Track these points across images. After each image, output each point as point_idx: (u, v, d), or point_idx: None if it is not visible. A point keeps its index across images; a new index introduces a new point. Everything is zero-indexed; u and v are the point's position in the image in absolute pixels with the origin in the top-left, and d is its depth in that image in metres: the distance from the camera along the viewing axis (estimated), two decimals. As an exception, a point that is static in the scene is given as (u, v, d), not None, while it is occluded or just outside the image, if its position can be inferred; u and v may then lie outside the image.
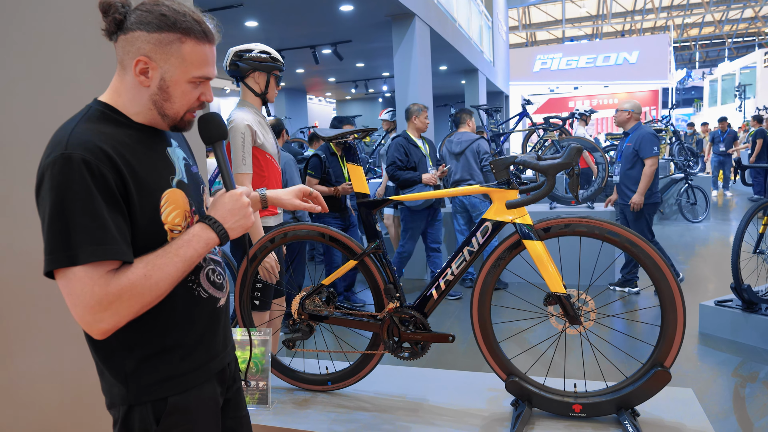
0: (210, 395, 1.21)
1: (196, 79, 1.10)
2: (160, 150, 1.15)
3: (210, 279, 1.22)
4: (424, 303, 1.92)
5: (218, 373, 1.25)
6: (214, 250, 1.27)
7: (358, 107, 15.63)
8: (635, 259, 1.70)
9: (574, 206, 5.49)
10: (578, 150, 1.53)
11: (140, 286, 1.01)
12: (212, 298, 1.22)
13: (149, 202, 1.07)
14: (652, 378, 1.70)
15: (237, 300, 2.15)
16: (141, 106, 1.11)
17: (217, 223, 1.12)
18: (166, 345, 1.13)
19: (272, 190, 1.60)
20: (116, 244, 0.99)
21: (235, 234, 1.15)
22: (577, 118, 7.08)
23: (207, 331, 1.20)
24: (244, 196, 1.17)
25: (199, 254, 1.09)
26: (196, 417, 1.17)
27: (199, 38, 1.08)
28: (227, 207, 1.14)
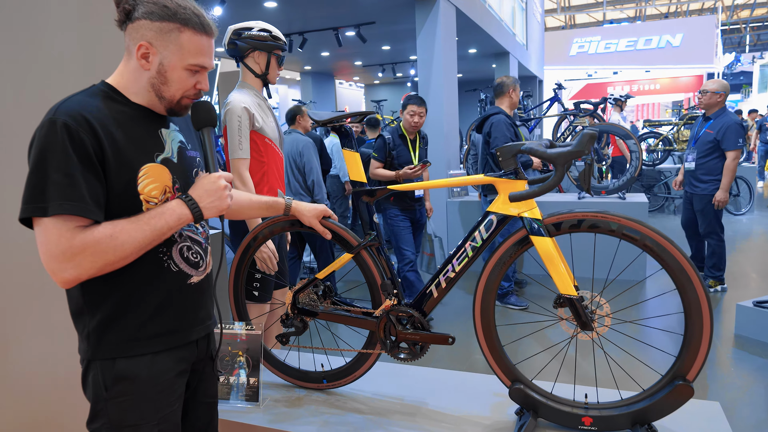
0: (162, 369, 1.25)
1: (191, 66, 1.21)
2: (152, 129, 1.25)
3: (184, 255, 1.29)
4: (423, 301, 1.78)
5: (179, 349, 1.29)
6: (198, 231, 1.34)
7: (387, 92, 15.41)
8: (656, 259, 1.52)
9: (605, 197, 5.23)
10: (591, 137, 1.36)
11: (104, 244, 1.09)
12: (182, 273, 1.28)
13: (127, 171, 1.16)
14: (672, 392, 1.53)
15: (231, 291, 2.06)
16: (140, 87, 1.22)
17: (193, 201, 1.21)
18: (126, 308, 1.21)
19: (297, 201, 1.69)
20: (84, 203, 1.08)
21: (210, 214, 1.23)
22: (612, 103, 6.75)
23: (169, 304, 1.26)
24: (222, 179, 1.25)
25: (170, 227, 1.18)
26: (144, 388, 1.21)
27: (197, 29, 1.19)
28: (205, 188, 1.23)
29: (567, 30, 24.49)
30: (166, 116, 1.29)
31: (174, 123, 1.33)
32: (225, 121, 2.22)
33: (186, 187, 1.28)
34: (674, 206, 9.03)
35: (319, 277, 1.91)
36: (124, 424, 1.20)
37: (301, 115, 4.77)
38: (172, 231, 1.19)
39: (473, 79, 14.13)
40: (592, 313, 1.61)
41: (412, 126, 3.99)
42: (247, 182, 2.20)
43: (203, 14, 1.22)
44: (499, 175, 1.64)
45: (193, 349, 1.34)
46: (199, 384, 1.41)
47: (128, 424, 1.20)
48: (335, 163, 5.91)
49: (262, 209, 1.63)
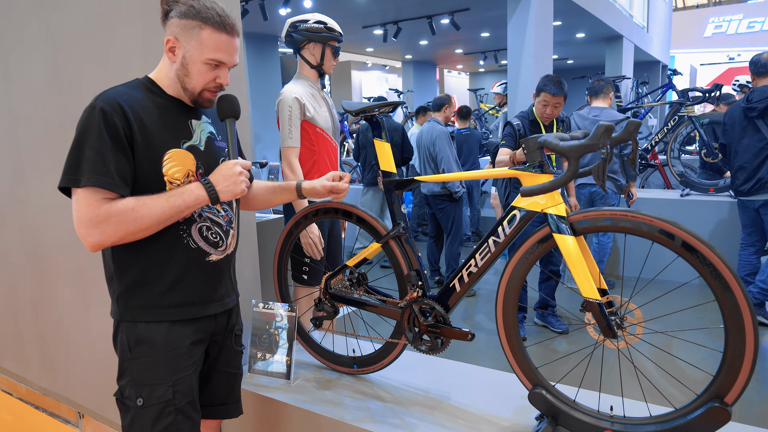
0: (178, 336, 1.38)
1: (209, 60, 1.32)
2: (183, 119, 1.39)
3: (203, 234, 1.41)
4: (446, 295, 1.75)
5: (196, 321, 1.41)
6: (219, 213, 1.46)
7: (491, 80, 15.00)
8: (691, 265, 1.36)
9: (713, 195, 4.70)
10: (607, 129, 1.24)
11: (126, 215, 1.23)
12: (201, 251, 1.41)
13: (154, 153, 1.30)
14: (705, 414, 1.37)
15: (275, 273, 2.17)
16: (170, 79, 1.37)
17: (210, 184, 1.32)
18: (149, 277, 1.35)
19: (309, 181, 1.71)
20: (111, 177, 1.22)
21: (225, 197, 1.34)
22: (736, 89, 6.01)
23: (188, 278, 1.39)
24: (237, 166, 1.35)
25: (188, 206, 1.30)
26: (161, 352, 1.35)
27: (217, 27, 1.30)
28: (222, 173, 1.34)
29: (702, 8, 22.05)
30: (199, 110, 1.43)
31: (207, 115, 1.46)
32: (278, 111, 2.33)
33: (208, 172, 1.40)
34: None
35: (349, 264, 1.95)
36: (143, 383, 1.35)
37: (448, 105, 4.76)
38: (190, 210, 1.31)
39: (584, 65, 13.28)
40: (622, 320, 1.49)
41: (545, 117, 3.40)
42: (296, 170, 2.30)
43: (227, 15, 1.33)
44: (524, 168, 1.56)
45: (211, 322, 1.46)
46: (219, 354, 1.54)
47: (146, 383, 1.35)
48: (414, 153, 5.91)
49: (277, 192, 1.71)
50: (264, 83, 7.64)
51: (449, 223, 4.70)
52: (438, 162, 4.55)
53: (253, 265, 2.22)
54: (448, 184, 4.55)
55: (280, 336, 2.01)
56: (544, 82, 3.29)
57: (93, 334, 2.39)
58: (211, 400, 1.54)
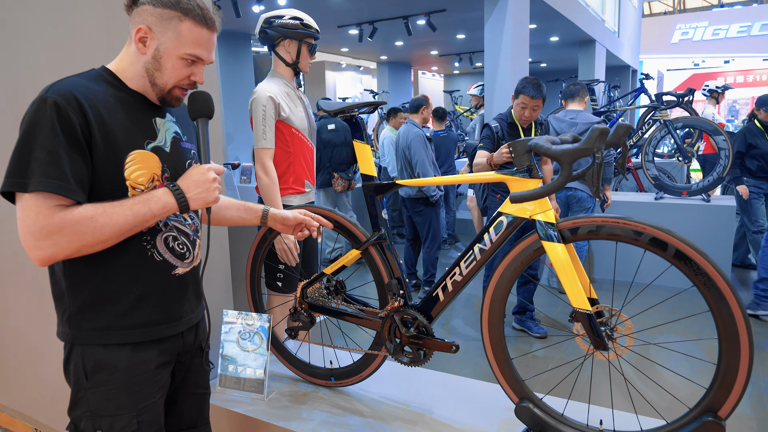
0: (144, 359, 1.24)
1: (187, 56, 1.20)
2: (145, 116, 1.24)
3: (169, 245, 1.27)
4: (429, 305, 1.68)
5: (161, 341, 1.27)
6: (186, 222, 1.32)
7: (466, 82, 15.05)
8: (685, 274, 1.31)
9: (686, 198, 4.75)
10: (601, 133, 1.18)
11: (83, 225, 1.08)
12: (166, 263, 1.27)
13: (114, 155, 1.15)
14: (699, 429, 1.32)
15: (248, 280, 2.06)
16: (135, 72, 1.22)
17: (180, 190, 1.19)
18: (107, 295, 1.20)
19: (276, 210, 1.60)
20: (66, 182, 1.07)
21: (196, 205, 1.21)
22: (706, 95, 6.11)
23: (152, 294, 1.24)
24: (211, 171, 1.22)
25: (154, 215, 1.16)
26: (123, 378, 1.21)
27: (198, 21, 1.19)
28: (193, 178, 1.21)
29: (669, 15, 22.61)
30: (160, 106, 1.28)
31: (171, 114, 1.31)
32: (251, 110, 2.22)
33: (176, 177, 1.26)
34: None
35: (327, 272, 1.85)
36: (103, 414, 1.19)
37: (426, 106, 4.69)
38: (156, 219, 1.17)
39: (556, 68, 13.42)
40: (612, 330, 1.43)
41: (523, 120, 3.35)
42: (270, 172, 2.19)
43: (207, 8, 1.21)
44: (511, 172, 1.49)
45: (178, 341, 1.33)
46: (187, 375, 1.40)
47: (107, 414, 1.20)
48: (384, 156, 5.84)
49: (240, 211, 1.56)
50: (237, 82, 7.45)
51: (426, 227, 4.64)
52: (414, 165, 4.48)
53: (225, 272, 2.11)
54: (425, 187, 4.49)
55: (253, 347, 1.90)
56: (522, 84, 3.25)
57: (51, 347, 2.24)
58: (178, 425, 1.41)
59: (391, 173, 5.80)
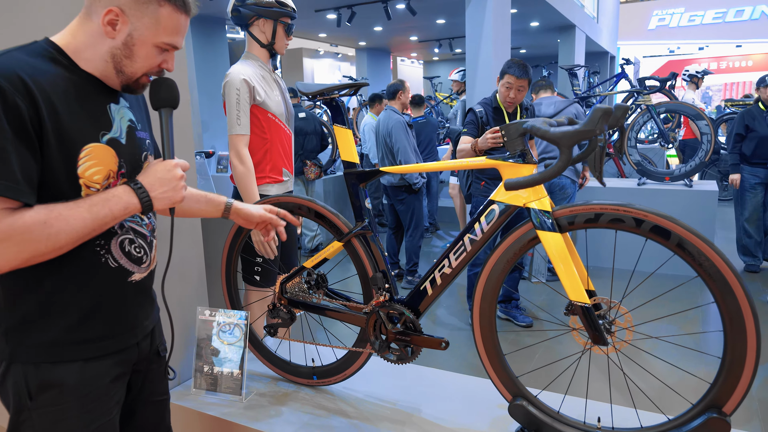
0: (97, 374, 1.11)
1: (163, 44, 1.08)
2: (99, 103, 1.09)
3: (125, 249, 1.13)
4: (416, 299, 1.58)
5: (119, 353, 1.15)
6: (143, 222, 1.19)
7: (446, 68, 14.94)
8: (690, 264, 1.24)
9: (669, 183, 4.74)
10: (604, 113, 1.09)
11: (36, 232, 0.94)
12: (123, 270, 1.14)
13: (67, 149, 1.00)
14: (703, 426, 1.26)
15: (223, 275, 1.94)
16: (96, 55, 1.06)
17: (143, 189, 1.06)
18: (55, 307, 1.06)
19: (240, 204, 1.48)
20: (12, 181, 0.92)
21: (161, 205, 1.09)
22: (686, 80, 6.11)
23: (108, 304, 1.12)
24: (178, 168, 1.11)
25: (115, 217, 1.03)
26: (74, 397, 1.07)
27: (178, 6, 1.07)
28: (158, 175, 1.09)
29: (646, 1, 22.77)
30: (116, 90, 1.12)
31: (124, 98, 1.16)
32: (224, 94, 2.08)
33: (133, 172, 1.12)
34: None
35: (307, 266, 1.74)
36: None
37: (402, 90, 4.59)
38: (116, 221, 1.04)
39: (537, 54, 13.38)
40: (610, 324, 1.35)
41: (507, 102, 3.24)
42: (245, 160, 2.06)
43: None
44: (504, 157, 1.40)
45: (133, 350, 1.19)
46: (144, 384, 1.27)
47: None
48: (365, 142, 5.74)
49: (200, 202, 1.44)
50: (211, 69, 7.21)
51: (409, 216, 4.55)
52: (395, 153, 4.38)
53: (198, 266, 1.98)
54: (407, 175, 4.39)
55: (230, 346, 1.79)
56: (508, 64, 3.17)
57: None
58: None
59: (373, 160, 5.69)
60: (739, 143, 4.55)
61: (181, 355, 1.91)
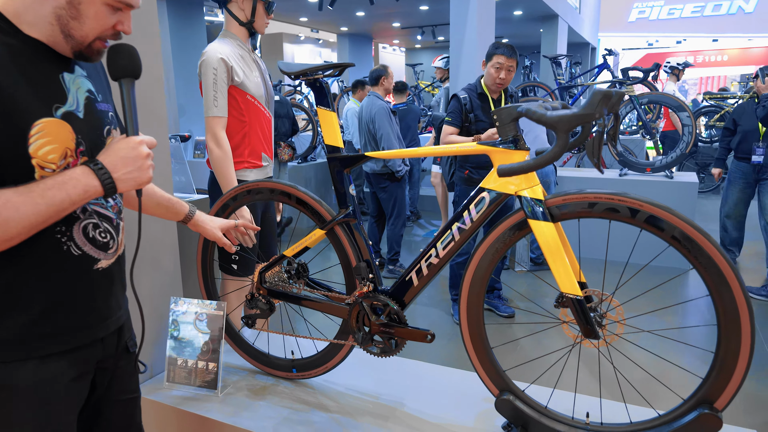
0: (54, 375, 1.01)
1: (115, 1, 0.97)
2: (50, 73, 0.97)
3: (89, 235, 1.04)
4: (402, 290, 1.52)
5: (79, 350, 1.05)
6: (108, 204, 1.09)
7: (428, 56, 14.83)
8: (685, 256, 1.20)
9: (650, 174, 4.75)
10: (604, 96, 1.03)
11: None
12: (87, 257, 1.04)
13: (14, 125, 0.90)
14: (694, 422, 1.23)
15: (199, 263, 1.86)
16: (39, 17, 0.94)
17: (104, 169, 0.96)
18: (11, 301, 0.96)
19: (202, 213, 1.49)
20: None
21: (125, 187, 0.99)
22: (667, 72, 6.14)
23: (70, 297, 1.02)
24: (143, 145, 1.00)
25: (73, 202, 0.93)
26: (26, 400, 0.97)
27: None
28: (120, 154, 0.98)
29: (627, -6, 22.88)
30: (70, 58, 1.01)
31: (80, 67, 1.05)
32: (200, 74, 1.98)
33: (94, 150, 1.01)
34: (731, 187, 8.30)
35: (287, 255, 1.67)
36: None
37: (385, 76, 4.52)
38: (75, 206, 0.94)
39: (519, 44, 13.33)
40: (602, 317, 1.31)
41: (496, 83, 3.13)
42: (222, 144, 1.97)
43: None
44: (494, 143, 1.33)
45: (97, 346, 1.10)
46: (112, 382, 1.18)
47: None
48: (348, 128, 5.66)
49: (161, 204, 1.37)
50: (188, 51, 7.00)
51: (391, 204, 4.49)
52: (378, 139, 4.30)
53: (172, 254, 1.89)
54: (390, 162, 4.33)
55: (205, 338, 1.71)
56: (495, 45, 3.14)
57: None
58: None
59: (356, 146, 5.61)
60: (727, 137, 4.47)
61: (153, 347, 1.83)
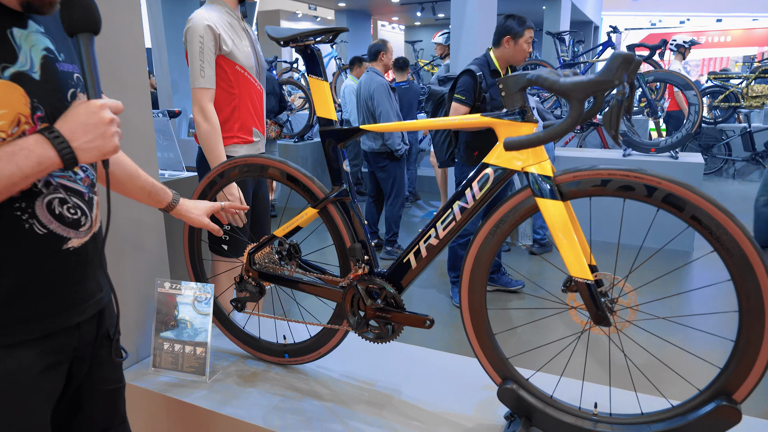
0: (21, 365, 0.92)
1: None
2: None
3: (55, 212, 0.94)
4: (399, 273, 1.43)
5: (49, 337, 0.96)
6: (77, 176, 0.98)
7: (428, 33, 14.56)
8: (706, 238, 1.11)
9: (655, 155, 4.65)
10: (624, 61, 0.93)
11: None
12: (55, 236, 0.94)
13: None
14: (711, 414, 1.15)
15: (186, 244, 1.77)
16: None
17: (61, 138, 0.85)
18: None
19: (186, 200, 1.42)
20: None
21: (88, 158, 0.87)
22: (673, 50, 5.99)
23: (37, 280, 0.93)
24: (106, 110, 0.88)
25: (26, 175, 0.83)
26: None
27: None
28: (80, 119, 0.86)
29: (631, -29, 22.45)
30: (21, 12, 0.90)
31: (36, 21, 0.93)
32: (185, 42, 1.86)
33: (57, 116, 0.90)
34: (734, 170, 8.21)
35: (278, 235, 1.57)
36: None
37: (384, 51, 4.37)
38: (30, 180, 0.84)
39: (521, 22, 13.09)
40: (613, 302, 1.23)
41: (524, 59, 3.11)
42: (210, 117, 1.86)
43: None
44: (499, 115, 1.23)
45: (72, 333, 1.01)
46: (93, 371, 1.09)
47: None
48: (346, 106, 5.52)
49: (144, 190, 1.29)
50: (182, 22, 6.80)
51: (390, 183, 4.38)
52: (377, 117, 4.18)
53: (158, 233, 1.80)
54: (389, 141, 4.21)
55: (193, 322, 1.63)
56: (520, 20, 3.06)
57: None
58: (89, 428, 1.12)
59: (354, 125, 5.48)
60: None
61: (138, 332, 1.74)
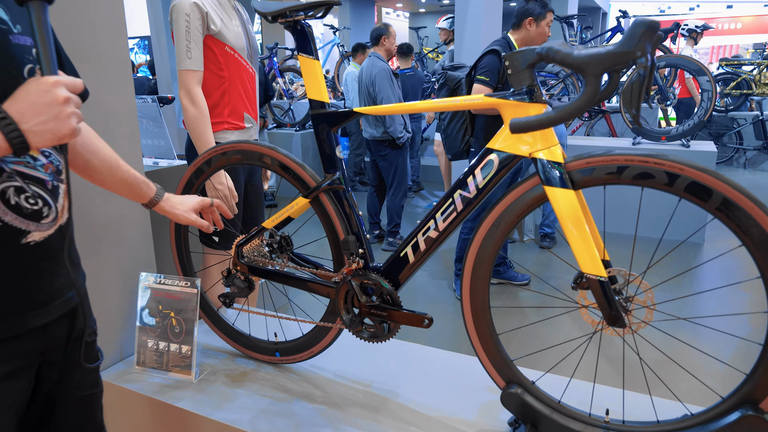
0: None
1: None
2: None
3: (10, 202, 0.85)
4: (396, 267, 1.33)
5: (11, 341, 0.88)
6: (37, 162, 0.88)
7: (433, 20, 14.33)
8: (733, 230, 1.00)
9: (665, 143, 4.51)
10: (647, 29, 0.82)
11: None
12: (11, 229, 0.85)
13: None
14: (736, 424, 1.05)
15: (172, 236, 1.67)
16: None
17: (8, 119, 0.74)
18: None
19: (171, 195, 1.30)
20: None
21: (40, 141, 0.76)
22: (685, 34, 5.81)
23: None
24: (61, 87, 0.77)
25: None
26: None
27: None
28: (31, 98, 0.76)
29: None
30: None
31: None
32: (171, 21, 1.75)
33: (8, 94, 0.80)
34: (746, 159, 8.04)
35: (268, 227, 1.47)
36: None
37: (387, 35, 4.25)
38: None
39: (528, 8, 12.86)
40: (628, 301, 1.12)
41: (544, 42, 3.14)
42: (197, 101, 1.75)
43: None
44: (505, 95, 1.12)
45: (39, 336, 0.92)
46: (66, 376, 1.00)
47: None
48: (348, 94, 5.39)
49: (125, 183, 1.18)
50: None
51: (391, 172, 4.28)
52: (378, 103, 4.07)
53: (143, 225, 1.70)
54: (390, 129, 4.10)
55: (179, 318, 1.53)
56: (541, 2, 3.07)
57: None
58: None
59: None
60: None
61: (122, 329, 1.66)
